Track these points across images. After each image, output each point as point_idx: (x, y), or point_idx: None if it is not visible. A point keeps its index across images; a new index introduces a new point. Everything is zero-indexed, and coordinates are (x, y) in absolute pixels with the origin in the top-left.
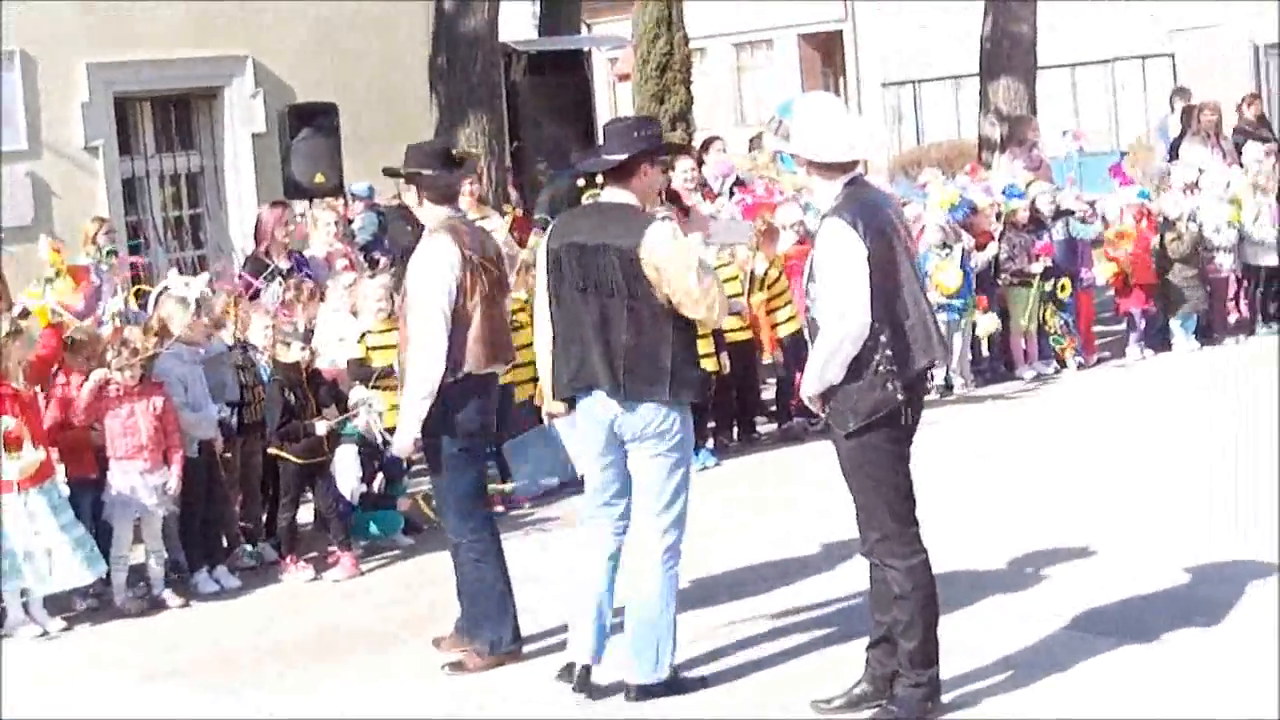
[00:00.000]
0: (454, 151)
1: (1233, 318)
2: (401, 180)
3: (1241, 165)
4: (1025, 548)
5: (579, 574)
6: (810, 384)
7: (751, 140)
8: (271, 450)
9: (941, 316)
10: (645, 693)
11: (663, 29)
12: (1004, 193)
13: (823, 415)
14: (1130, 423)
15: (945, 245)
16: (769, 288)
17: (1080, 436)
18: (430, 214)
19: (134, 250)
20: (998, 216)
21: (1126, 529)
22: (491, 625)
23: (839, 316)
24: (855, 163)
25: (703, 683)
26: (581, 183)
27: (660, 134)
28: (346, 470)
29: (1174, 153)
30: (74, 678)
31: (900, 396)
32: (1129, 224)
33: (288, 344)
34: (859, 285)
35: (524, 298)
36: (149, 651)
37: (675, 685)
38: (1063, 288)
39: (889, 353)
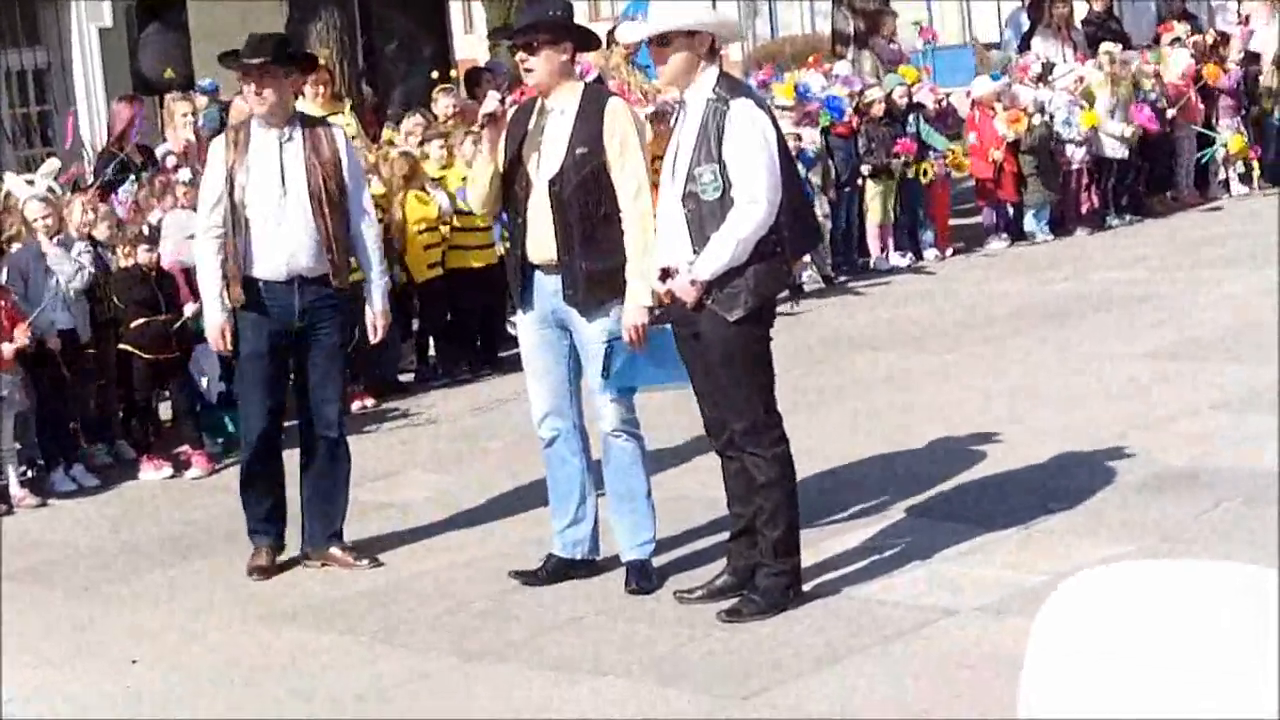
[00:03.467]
0: None
1: (1084, 209)
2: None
3: (1094, 58)
4: (886, 440)
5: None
6: (709, 268)
7: (608, 35)
8: (122, 346)
9: None
10: None
11: None
12: (826, 104)
13: (706, 304)
14: (992, 313)
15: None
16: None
17: (937, 327)
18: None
19: None
20: (855, 109)
21: (986, 420)
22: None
23: (756, 198)
24: (718, 50)
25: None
26: (435, 75)
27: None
28: (206, 368)
29: (1025, 46)
30: None
31: (789, 281)
32: (1003, 117)
33: (133, 245)
34: (774, 167)
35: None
36: (5, 550)
37: None
38: (924, 171)
39: (786, 234)
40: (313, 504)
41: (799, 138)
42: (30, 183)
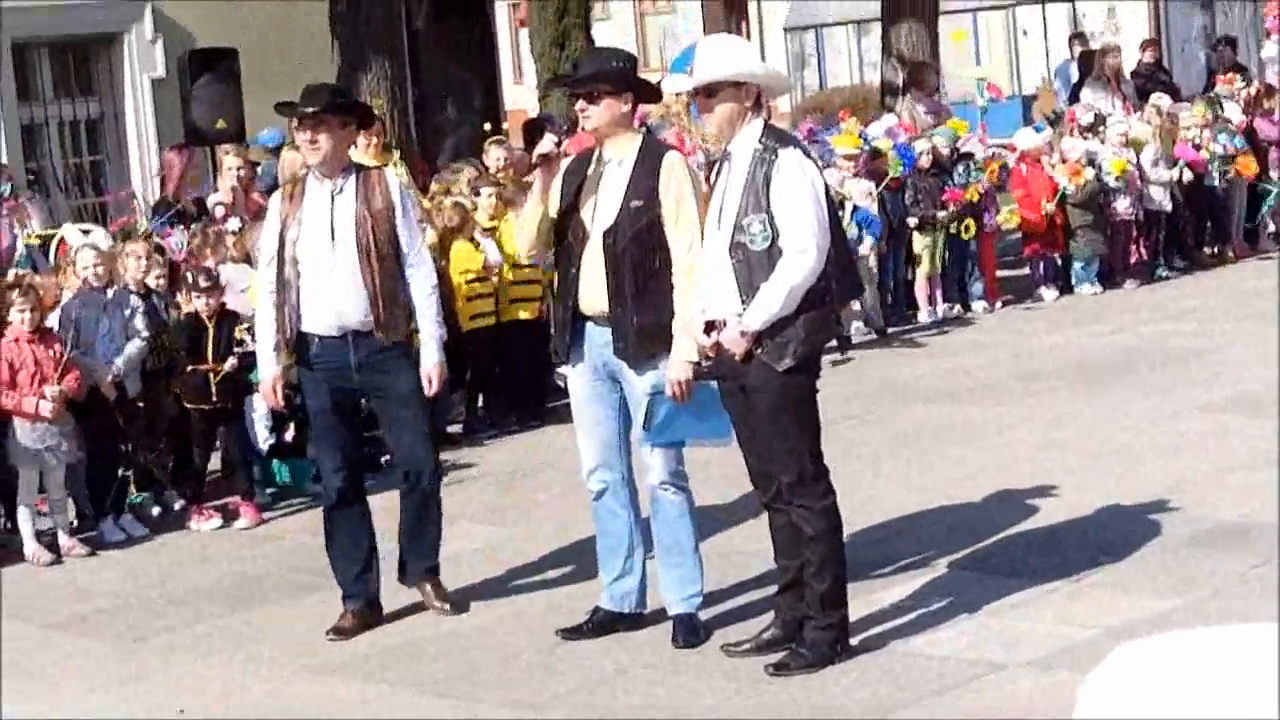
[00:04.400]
0: None
1: (1133, 261)
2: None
3: (1142, 110)
4: (935, 492)
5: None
6: (759, 318)
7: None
8: (176, 392)
9: None
10: None
11: None
12: (897, 150)
13: (756, 354)
14: (1041, 366)
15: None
16: None
17: (985, 379)
18: None
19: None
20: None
21: (1036, 473)
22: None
23: (806, 247)
24: (762, 100)
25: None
26: (488, 126)
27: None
28: (258, 419)
29: (1074, 98)
30: None
31: (838, 328)
32: (1062, 170)
33: (196, 293)
34: (822, 217)
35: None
36: (55, 600)
37: None
38: (966, 228)
39: (833, 285)
40: (407, 540)
41: (839, 188)
42: (85, 232)
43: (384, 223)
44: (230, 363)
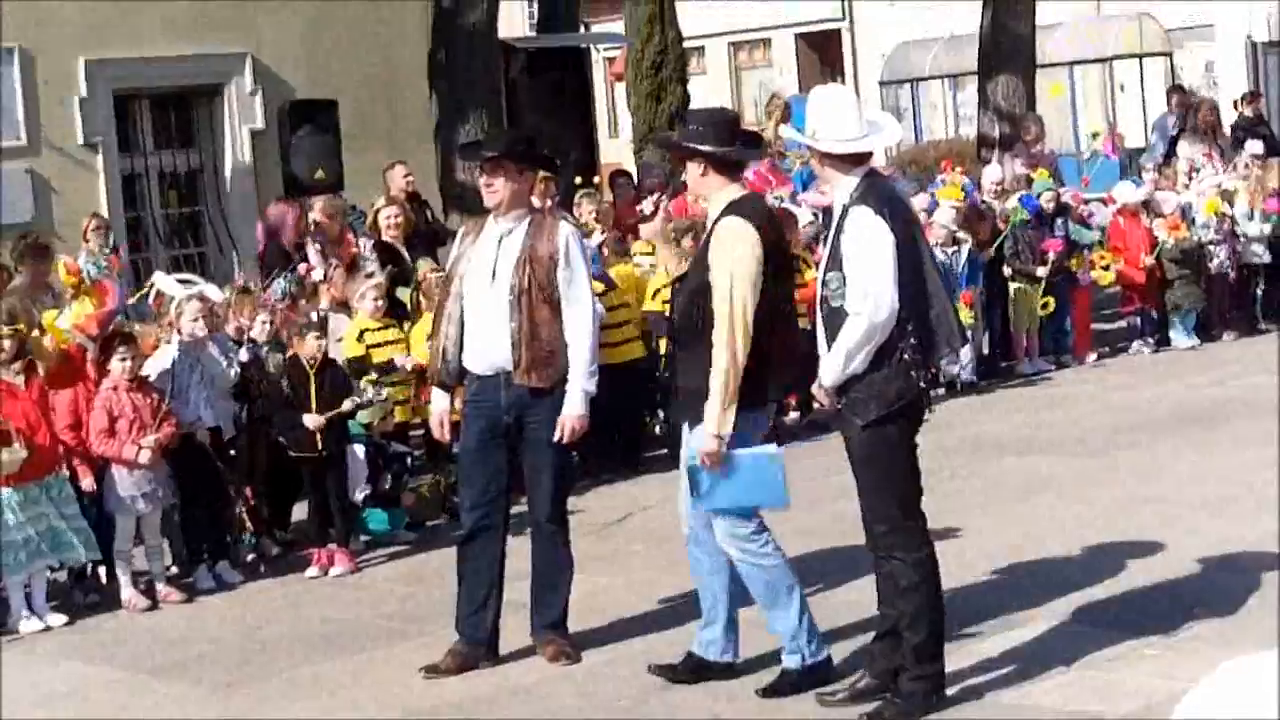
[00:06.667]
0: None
1: (1231, 313)
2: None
3: (1235, 164)
4: (1031, 544)
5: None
6: (832, 373)
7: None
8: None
9: None
10: None
11: (655, 27)
12: (1021, 201)
13: (837, 406)
14: (1138, 418)
15: (955, 242)
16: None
17: (1083, 432)
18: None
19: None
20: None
21: (1132, 526)
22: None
23: (868, 306)
24: (870, 154)
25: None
26: (578, 180)
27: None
28: (355, 469)
29: (1172, 151)
30: (74, 673)
31: (921, 385)
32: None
33: (303, 336)
34: (888, 274)
35: None
36: (151, 645)
37: None
38: (1045, 305)
39: (914, 341)
40: (533, 591)
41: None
42: (183, 282)
43: (543, 268)
44: (314, 419)
